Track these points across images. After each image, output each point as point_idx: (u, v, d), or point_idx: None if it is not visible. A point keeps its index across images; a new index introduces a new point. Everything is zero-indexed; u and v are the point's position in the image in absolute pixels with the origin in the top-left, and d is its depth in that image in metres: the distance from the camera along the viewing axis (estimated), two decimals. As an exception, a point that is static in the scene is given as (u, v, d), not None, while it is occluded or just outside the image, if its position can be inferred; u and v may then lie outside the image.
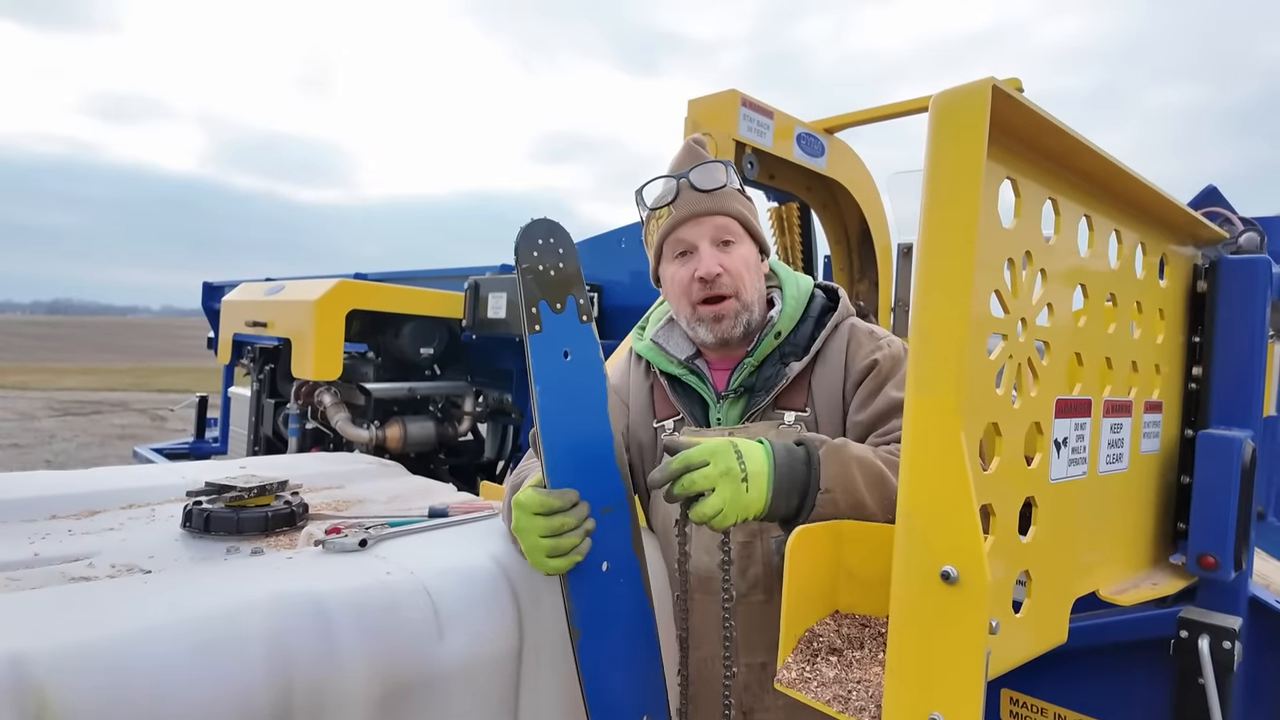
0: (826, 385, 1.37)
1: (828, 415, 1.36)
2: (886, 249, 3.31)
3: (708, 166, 1.39)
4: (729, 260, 1.37)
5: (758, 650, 1.35)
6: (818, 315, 1.44)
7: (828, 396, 1.37)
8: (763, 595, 1.35)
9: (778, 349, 1.40)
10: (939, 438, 0.76)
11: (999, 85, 0.75)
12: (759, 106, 2.51)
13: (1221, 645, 1.34)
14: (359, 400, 3.47)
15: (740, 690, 1.36)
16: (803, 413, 1.36)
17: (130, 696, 0.78)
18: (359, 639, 0.95)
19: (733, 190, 1.41)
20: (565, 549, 1.07)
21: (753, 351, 1.40)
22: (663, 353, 1.46)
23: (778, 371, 1.38)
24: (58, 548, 1.27)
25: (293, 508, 1.46)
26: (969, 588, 0.73)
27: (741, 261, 1.38)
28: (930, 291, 0.78)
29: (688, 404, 1.43)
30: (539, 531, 1.06)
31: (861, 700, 0.86)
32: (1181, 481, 1.41)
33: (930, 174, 0.78)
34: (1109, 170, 1.04)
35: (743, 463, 1.08)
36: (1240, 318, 1.40)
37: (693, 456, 1.07)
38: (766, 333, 1.41)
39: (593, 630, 1.08)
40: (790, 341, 1.41)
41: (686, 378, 1.43)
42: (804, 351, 1.39)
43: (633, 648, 1.14)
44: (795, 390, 1.38)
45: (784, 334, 1.41)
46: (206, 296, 5.82)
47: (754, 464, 1.09)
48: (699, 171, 1.38)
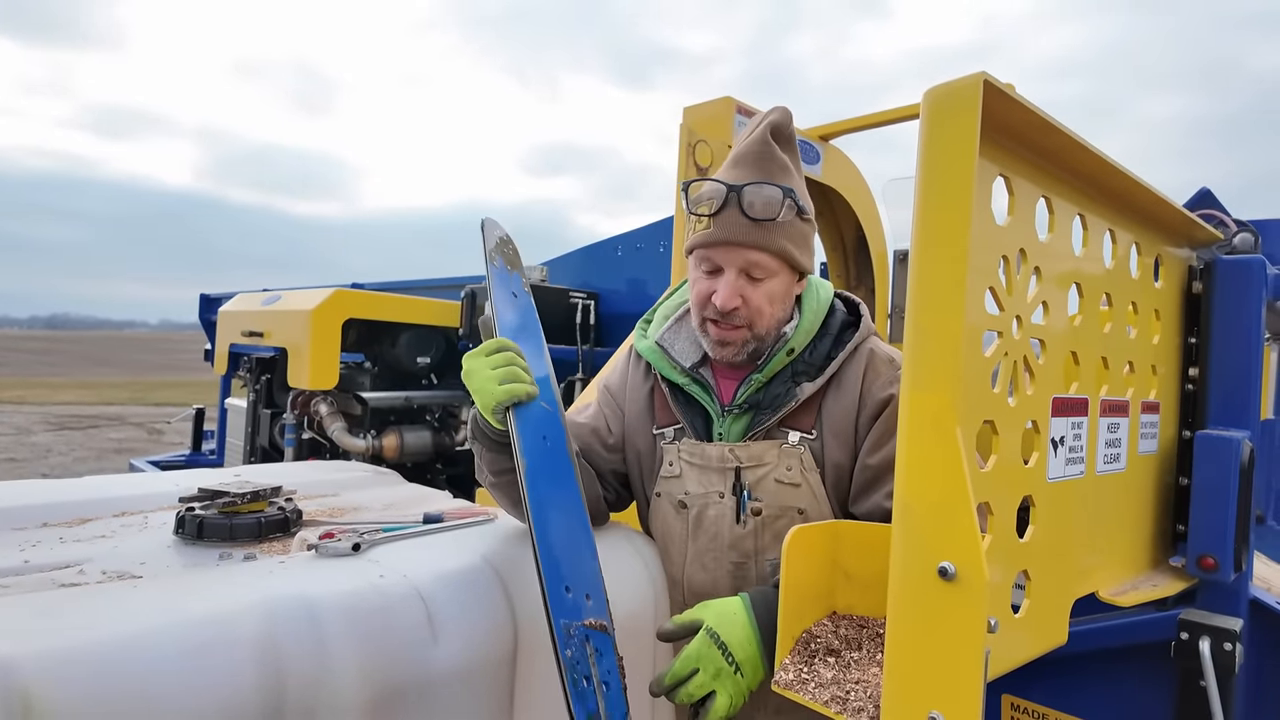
0: (839, 411, 1.30)
1: (836, 442, 1.29)
2: (882, 256, 3.31)
3: (765, 191, 1.23)
4: (752, 294, 1.26)
5: None
6: (837, 332, 1.35)
7: (839, 423, 1.30)
8: None
9: (789, 366, 1.32)
10: (936, 433, 0.76)
11: (991, 80, 0.76)
12: (754, 114, 2.52)
13: (1223, 647, 1.33)
14: (355, 410, 3.46)
15: None
16: (809, 435, 1.30)
17: (118, 700, 0.76)
18: (351, 643, 0.94)
19: (784, 223, 1.24)
20: (517, 375, 1.17)
21: (762, 368, 1.32)
22: (667, 358, 1.38)
23: (788, 391, 1.30)
24: (48, 555, 1.26)
25: (286, 514, 1.45)
26: (967, 584, 0.73)
27: (765, 296, 1.27)
28: (925, 286, 0.78)
29: (689, 415, 1.37)
30: (490, 366, 1.18)
31: (860, 701, 0.85)
32: (1180, 483, 1.41)
33: (923, 168, 0.78)
34: (1102, 169, 1.04)
35: (729, 655, 1.05)
36: (1236, 318, 1.40)
37: (680, 671, 1.05)
38: (779, 349, 1.32)
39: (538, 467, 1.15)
40: (804, 360, 1.32)
41: (690, 388, 1.36)
42: (818, 372, 1.31)
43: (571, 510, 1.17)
44: (804, 412, 1.31)
45: (797, 351, 1.32)
46: (204, 309, 5.82)
47: (741, 651, 1.05)
48: (754, 193, 1.22)
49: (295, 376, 3.32)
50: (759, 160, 1.26)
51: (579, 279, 3.85)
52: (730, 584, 1.31)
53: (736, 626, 1.07)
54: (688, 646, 1.07)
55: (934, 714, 0.74)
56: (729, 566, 1.31)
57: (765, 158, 1.26)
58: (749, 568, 1.31)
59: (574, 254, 4.07)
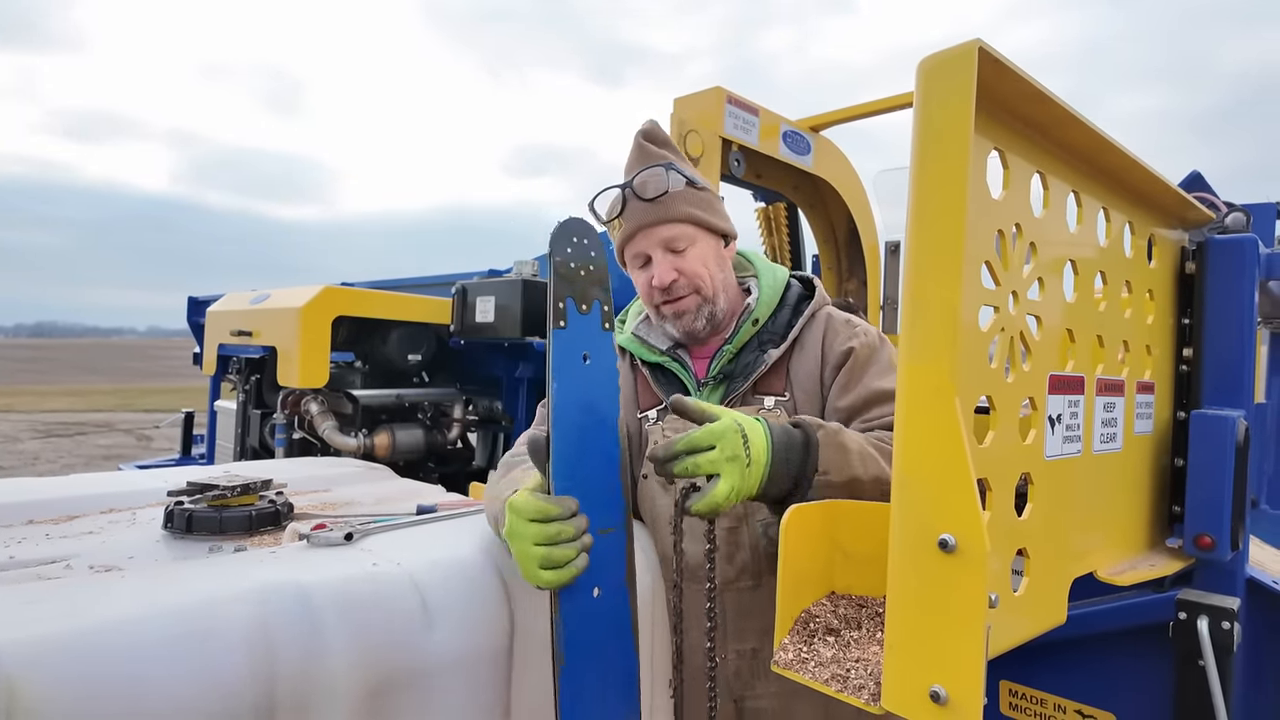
0: (804, 371, 1.39)
1: (806, 400, 1.37)
2: (874, 247, 3.31)
3: (646, 174, 1.37)
4: (684, 263, 1.38)
5: (748, 636, 1.33)
6: (794, 303, 1.46)
7: (806, 382, 1.38)
8: (750, 581, 1.33)
9: (755, 336, 1.42)
10: (934, 405, 0.75)
11: (986, 47, 0.75)
12: (744, 104, 2.52)
13: (1221, 626, 1.33)
14: (346, 408, 3.43)
15: (730, 677, 1.34)
16: (782, 397, 1.38)
17: (106, 689, 0.75)
18: (345, 631, 0.93)
19: (678, 192, 1.37)
20: (560, 561, 0.98)
21: (731, 339, 1.42)
22: (644, 344, 1.48)
23: (756, 358, 1.39)
24: (34, 551, 1.24)
25: (277, 507, 1.43)
26: (968, 555, 0.72)
27: (698, 261, 1.39)
28: (922, 256, 0.77)
29: (669, 391, 1.43)
30: (533, 539, 0.98)
31: (860, 679, 0.84)
32: (1175, 464, 1.41)
33: (918, 137, 0.77)
34: (1098, 144, 1.03)
35: (748, 447, 1.05)
36: (1229, 298, 1.40)
37: (698, 440, 1.03)
38: (744, 320, 1.43)
39: (577, 660, 1.00)
40: (768, 329, 1.43)
41: (669, 364, 1.45)
42: (781, 339, 1.41)
43: (615, 684, 1.06)
44: (774, 376, 1.39)
45: (761, 320, 1.43)
46: (192, 311, 5.76)
47: (757, 448, 1.07)
48: (640, 180, 1.37)
49: (285, 375, 3.29)
50: (637, 159, 1.41)
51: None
52: (725, 550, 1.33)
53: (757, 433, 1.08)
54: (711, 425, 1.05)
55: (935, 688, 0.73)
56: (721, 533, 1.32)
57: (642, 155, 1.41)
58: (741, 531, 1.35)
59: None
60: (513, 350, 3.51)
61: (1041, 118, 0.93)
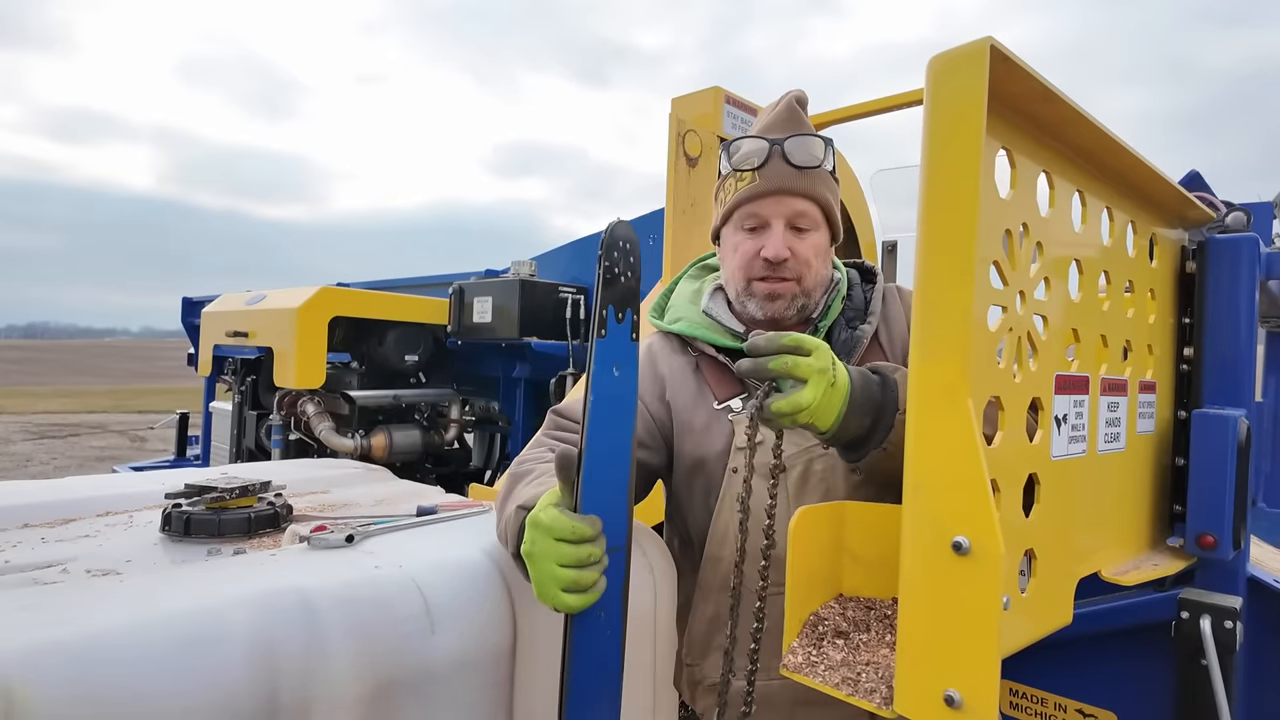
0: (899, 342, 1.34)
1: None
2: (871, 247, 3.31)
3: (806, 140, 1.27)
4: (800, 246, 1.28)
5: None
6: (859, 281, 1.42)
7: (904, 351, 1.31)
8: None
9: (840, 315, 1.35)
10: (947, 406, 0.75)
11: (997, 45, 0.74)
12: (742, 104, 2.51)
13: (1223, 625, 1.33)
14: (343, 409, 3.41)
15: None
16: None
17: (104, 694, 0.74)
18: (347, 634, 0.92)
19: (825, 172, 1.30)
20: (585, 584, 0.91)
21: (825, 315, 1.34)
22: (720, 326, 1.35)
23: (850, 335, 1.32)
24: (29, 555, 1.22)
25: (276, 509, 1.41)
26: (982, 557, 0.71)
27: (812, 249, 1.29)
28: (934, 256, 0.77)
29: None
30: (560, 560, 0.91)
31: (871, 682, 0.83)
32: (1176, 464, 1.41)
33: (929, 137, 0.76)
34: (1104, 144, 1.03)
35: (834, 369, 1.01)
36: (1230, 297, 1.40)
37: (803, 342, 0.98)
38: (834, 296, 1.35)
39: (582, 689, 0.96)
40: (850, 306, 1.36)
41: None
42: (862, 316, 1.35)
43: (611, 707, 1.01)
44: (870, 354, 1.32)
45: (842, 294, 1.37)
46: (186, 312, 5.72)
47: (841, 374, 1.02)
48: (796, 143, 1.26)
49: (281, 376, 3.27)
50: (790, 121, 1.30)
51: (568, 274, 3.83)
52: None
53: (842, 368, 1.03)
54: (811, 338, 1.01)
55: (950, 692, 0.72)
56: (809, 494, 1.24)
57: (796, 119, 1.30)
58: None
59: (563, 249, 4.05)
60: (510, 351, 3.50)
61: (1049, 117, 0.93)
